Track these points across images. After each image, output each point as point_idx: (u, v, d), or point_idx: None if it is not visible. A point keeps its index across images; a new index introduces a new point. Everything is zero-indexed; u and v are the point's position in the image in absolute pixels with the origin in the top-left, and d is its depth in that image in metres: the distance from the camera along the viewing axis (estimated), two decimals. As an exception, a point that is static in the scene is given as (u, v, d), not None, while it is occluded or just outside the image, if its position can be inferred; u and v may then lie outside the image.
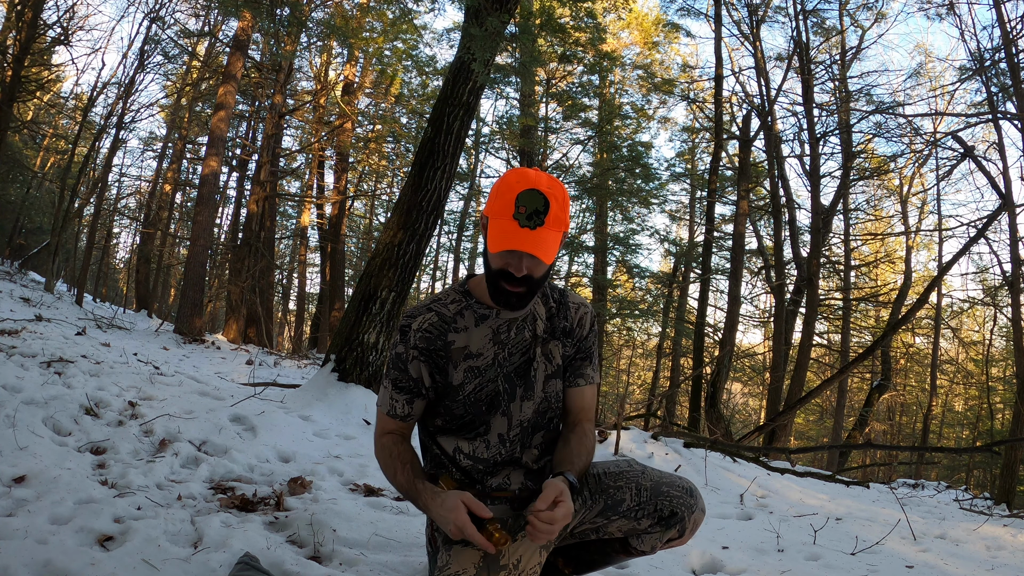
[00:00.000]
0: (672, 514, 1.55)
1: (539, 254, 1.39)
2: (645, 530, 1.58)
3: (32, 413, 2.93)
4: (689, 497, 1.56)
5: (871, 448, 6.56)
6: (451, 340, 1.55)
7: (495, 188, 1.46)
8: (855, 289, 15.68)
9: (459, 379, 1.55)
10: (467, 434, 1.58)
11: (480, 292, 1.57)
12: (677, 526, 1.56)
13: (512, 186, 1.41)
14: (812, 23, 12.85)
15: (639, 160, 12.50)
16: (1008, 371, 14.95)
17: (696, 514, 1.57)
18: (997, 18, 8.37)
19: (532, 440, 1.61)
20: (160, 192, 17.17)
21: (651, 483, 1.57)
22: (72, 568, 1.66)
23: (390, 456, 1.57)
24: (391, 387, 1.59)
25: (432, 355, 1.55)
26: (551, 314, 1.62)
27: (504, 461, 1.58)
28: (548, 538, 1.37)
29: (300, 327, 20.85)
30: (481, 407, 1.56)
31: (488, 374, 1.56)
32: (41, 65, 13.04)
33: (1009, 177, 9.26)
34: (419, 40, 11.44)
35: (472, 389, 1.56)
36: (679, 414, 15.22)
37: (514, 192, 1.39)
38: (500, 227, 1.40)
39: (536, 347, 1.59)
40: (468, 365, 1.55)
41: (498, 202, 1.42)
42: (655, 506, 1.55)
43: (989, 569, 2.71)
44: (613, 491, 1.57)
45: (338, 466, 3.21)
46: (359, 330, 4.61)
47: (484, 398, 1.56)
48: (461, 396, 1.56)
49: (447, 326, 1.56)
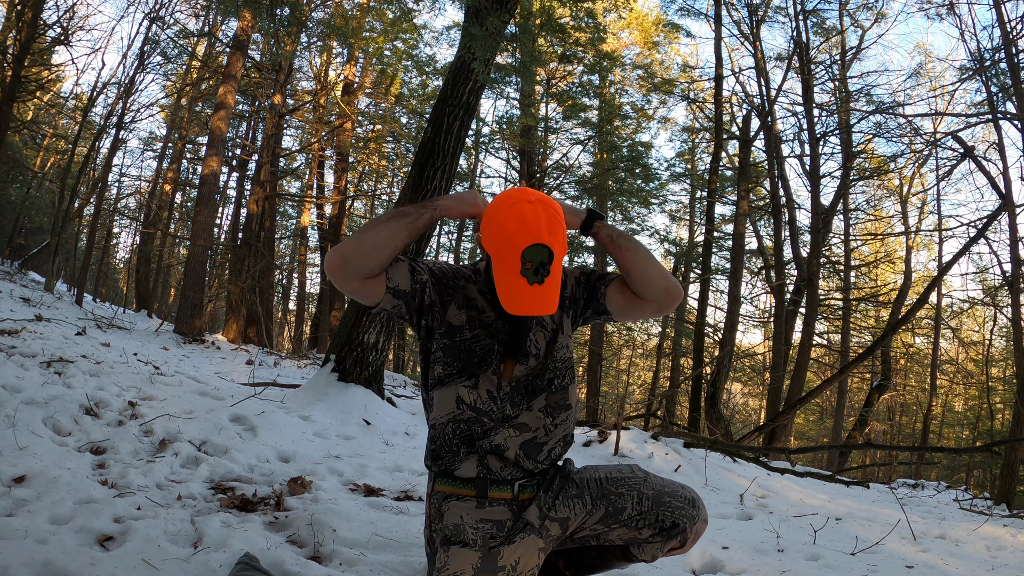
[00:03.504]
0: (673, 525, 1.54)
1: (550, 309, 1.42)
2: (646, 539, 1.57)
3: (32, 413, 2.93)
4: (691, 508, 1.56)
5: (871, 448, 6.57)
6: (462, 286, 1.61)
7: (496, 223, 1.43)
8: (855, 289, 15.67)
9: (461, 320, 1.58)
10: (465, 381, 1.57)
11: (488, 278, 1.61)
12: (678, 537, 1.56)
13: (513, 237, 1.40)
14: (812, 23, 12.85)
15: (639, 160, 12.51)
16: (1008, 371, 14.95)
17: (698, 525, 1.56)
18: (997, 18, 8.37)
19: (531, 403, 1.60)
20: (160, 192, 17.17)
21: (653, 492, 1.56)
22: (72, 568, 1.66)
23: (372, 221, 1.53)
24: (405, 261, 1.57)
25: (442, 284, 1.59)
26: None
27: (499, 418, 1.58)
28: None
29: (300, 327, 20.83)
30: (473, 358, 1.57)
31: (488, 330, 1.58)
32: (41, 65, 13.02)
33: (1009, 177, 9.26)
34: (419, 40, 11.44)
35: (471, 337, 1.57)
36: (679, 414, 15.22)
37: (519, 248, 1.39)
38: (510, 285, 1.42)
39: (532, 319, 1.61)
40: (472, 314, 1.59)
41: (503, 249, 1.41)
42: (656, 516, 1.54)
43: (989, 569, 2.71)
44: (615, 498, 1.57)
45: (338, 466, 3.21)
46: (359, 330, 4.61)
47: (478, 351, 1.57)
48: (459, 338, 1.57)
49: (460, 278, 1.62)
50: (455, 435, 1.58)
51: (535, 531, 1.54)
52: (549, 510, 1.57)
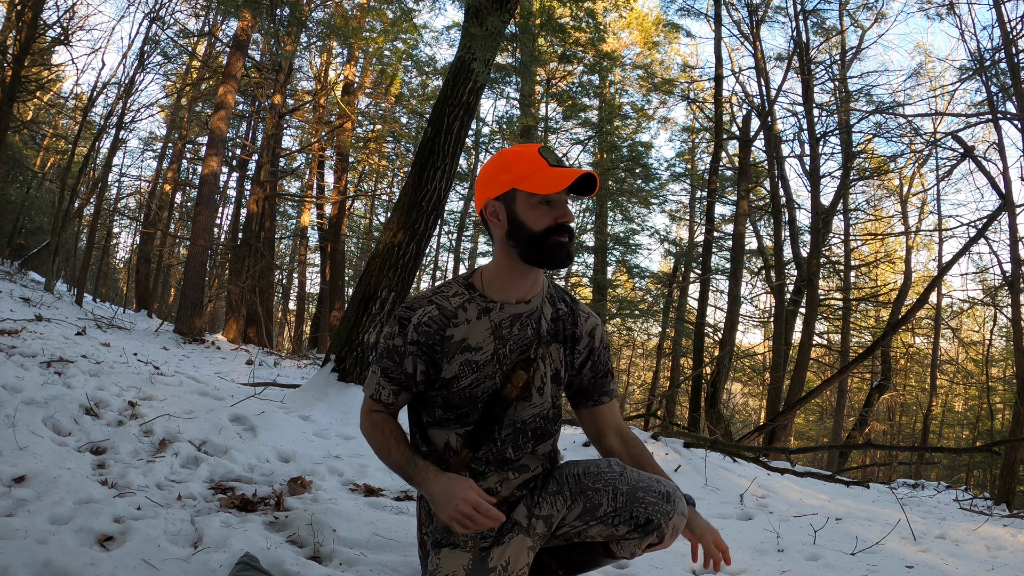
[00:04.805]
0: (648, 521, 1.52)
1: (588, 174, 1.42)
2: (623, 536, 1.55)
3: (32, 413, 2.93)
4: (665, 503, 1.52)
5: (871, 448, 6.56)
6: (449, 335, 1.52)
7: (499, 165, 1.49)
8: (855, 289, 15.67)
9: (452, 372, 1.53)
10: (460, 428, 1.56)
11: (486, 285, 1.55)
12: (654, 533, 1.53)
13: (521, 151, 1.47)
14: (812, 23, 12.85)
15: (639, 160, 12.51)
16: (1008, 371, 14.95)
17: (675, 519, 1.53)
18: (997, 18, 8.37)
19: (530, 445, 1.59)
20: (160, 192, 17.17)
21: (628, 487, 1.53)
22: (72, 568, 1.66)
23: (382, 433, 1.55)
24: (380, 374, 1.57)
25: (428, 349, 1.52)
26: (557, 316, 1.60)
27: (495, 461, 1.57)
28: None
29: (300, 327, 20.84)
30: (477, 404, 1.54)
31: (486, 369, 1.53)
32: (41, 65, 13.03)
33: (1009, 177, 9.26)
34: (419, 40, 11.45)
35: (469, 383, 1.53)
36: (679, 414, 15.22)
37: (531, 151, 1.45)
38: (543, 177, 1.42)
39: (537, 347, 1.56)
40: (465, 359, 1.52)
41: (519, 168, 1.45)
42: (631, 512, 1.52)
43: (989, 569, 2.71)
44: (591, 493, 1.55)
45: (338, 466, 3.21)
46: (359, 330, 4.61)
47: (480, 395, 1.54)
48: (456, 388, 1.53)
49: (447, 320, 1.53)
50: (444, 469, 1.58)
51: (523, 530, 1.54)
52: (535, 508, 1.57)
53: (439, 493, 1.41)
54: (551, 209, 1.45)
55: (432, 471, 1.46)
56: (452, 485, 1.40)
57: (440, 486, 1.41)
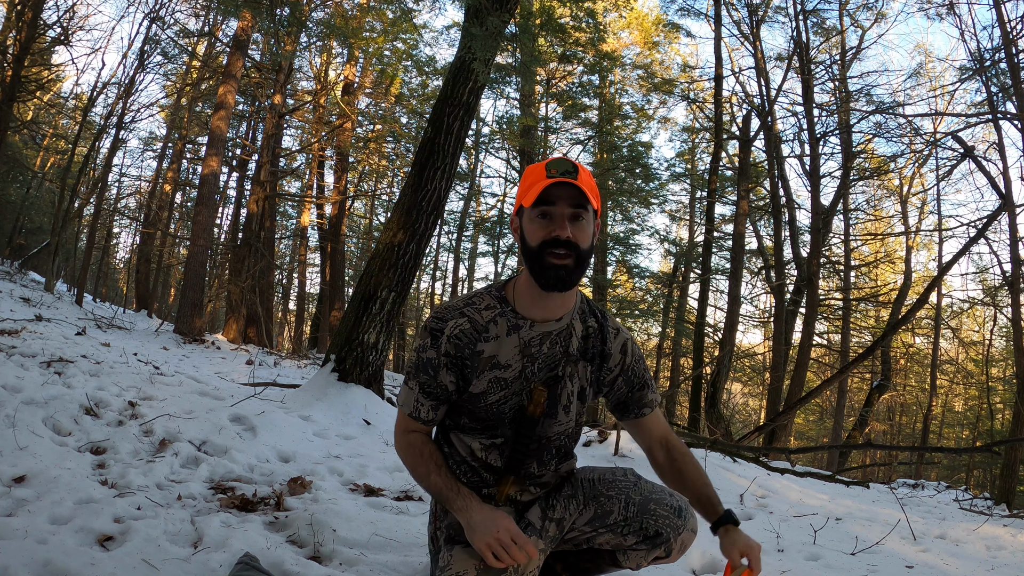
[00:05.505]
0: (656, 534, 1.52)
1: (578, 197, 1.39)
2: (631, 547, 1.56)
3: (32, 413, 2.93)
4: (676, 518, 1.52)
5: (871, 448, 6.56)
6: (480, 349, 1.49)
7: (522, 181, 1.49)
8: (855, 289, 15.68)
9: (481, 388, 1.50)
10: (485, 438, 1.56)
11: (517, 299, 1.51)
12: (662, 546, 1.53)
13: (536, 166, 1.45)
14: (812, 23, 12.85)
15: (639, 160, 12.52)
16: (1008, 371, 14.94)
17: (684, 535, 1.53)
18: (997, 18, 8.36)
19: (554, 463, 1.60)
20: (160, 192, 17.16)
21: (640, 498, 1.54)
22: (72, 568, 1.66)
23: (420, 456, 1.54)
24: (418, 390, 1.54)
25: (459, 362, 1.50)
26: (587, 334, 1.56)
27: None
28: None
29: (300, 327, 20.84)
30: (503, 419, 1.53)
31: (514, 387, 1.51)
32: (41, 65, 13.03)
33: (1009, 177, 9.25)
34: (419, 40, 11.45)
35: (496, 400, 1.51)
36: (679, 414, 15.22)
37: (542, 164, 1.43)
38: (536, 188, 1.39)
39: (566, 365, 1.53)
40: (494, 375, 1.50)
41: (527, 181, 1.45)
42: (640, 523, 1.52)
43: (989, 569, 2.71)
44: (604, 500, 1.56)
45: (338, 466, 3.20)
46: (359, 330, 4.61)
47: (507, 411, 1.52)
48: (483, 404, 1.52)
49: (478, 335, 1.49)
50: (462, 475, 1.58)
51: (536, 531, 1.55)
52: (549, 511, 1.58)
53: (480, 522, 1.41)
54: (548, 223, 1.40)
55: (476, 501, 1.47)
56: (494, 514, 1.42)
57: (483, 515, 1.42)
